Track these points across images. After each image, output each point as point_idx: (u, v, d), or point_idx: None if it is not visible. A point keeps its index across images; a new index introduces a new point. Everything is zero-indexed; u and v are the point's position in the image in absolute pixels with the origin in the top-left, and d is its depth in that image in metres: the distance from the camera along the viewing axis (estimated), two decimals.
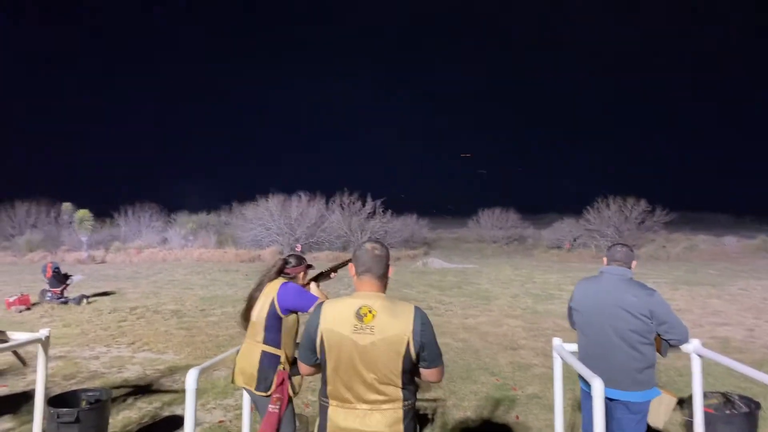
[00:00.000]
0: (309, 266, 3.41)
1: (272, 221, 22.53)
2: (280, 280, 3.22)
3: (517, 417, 4.66)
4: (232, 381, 3.21)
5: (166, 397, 5.14)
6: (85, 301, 10.21)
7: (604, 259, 3.20)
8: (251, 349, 3.12)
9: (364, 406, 2.02)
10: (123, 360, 6.45)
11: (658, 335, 2.87)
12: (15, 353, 3.96)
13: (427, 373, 2.09)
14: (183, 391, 5.27)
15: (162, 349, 6.99)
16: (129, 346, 7.13)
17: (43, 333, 3.56)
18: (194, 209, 30.35)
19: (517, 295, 11.49)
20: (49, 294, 10.15)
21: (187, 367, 6.11)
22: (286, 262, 3.32)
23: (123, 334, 7.75)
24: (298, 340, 3.29)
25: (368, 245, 2.16)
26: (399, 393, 2.02)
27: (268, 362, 3.06)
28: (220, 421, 4.53)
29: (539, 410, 4.82)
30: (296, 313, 3.17)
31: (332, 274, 3.49)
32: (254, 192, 24.78)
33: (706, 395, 3.59)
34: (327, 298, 3.31)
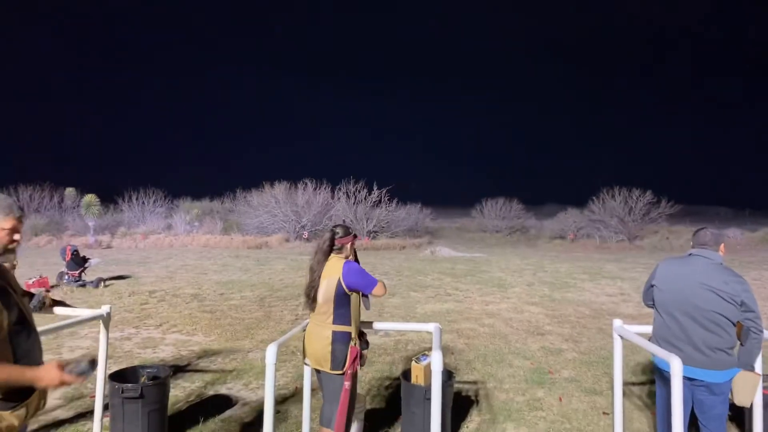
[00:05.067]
0: (355, 236, 3.39)
1: (278, 208, 22.50)
2: (338, 258, 3.23)
3: (561, 399, 4.71)
4: (304, 362, 3.27)
5: (207, 377, 5.17)
6: (102, 283, 10.21)
7: (692, 244, 3.17)
8: (321, 332, 3.15)
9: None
10: (155, 341, 6.46)
11: (739, 323, 2.87)
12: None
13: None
14: (222, 371, 5.34)
15: (190, 331, 7.00)
16: (157, 327, 7.13)
17: (104, 309, 3.57)
18: (197, 196, 30.31)
19: (532, 284, 11.54)
20: (67, 276, 10.14)
21: (220, 349, 6.19)
22: (334, 233, 3.30)
23: (149, 317, 7.76)
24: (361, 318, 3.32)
25: None
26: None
27: (341, 341, 3.11)
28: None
29: (580, 393, 4.87)
30: (366, 294, 3.21)
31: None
32: (257, 180, 24.76)
33: (763, 378, 3.63)
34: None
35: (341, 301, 3.12)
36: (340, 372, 3.09)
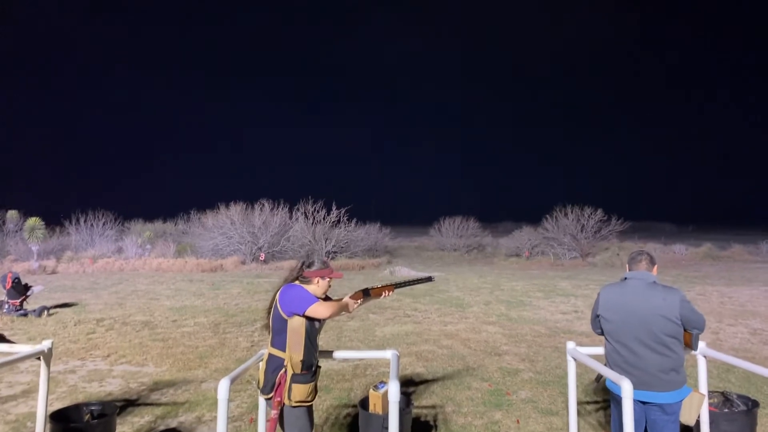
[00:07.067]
0: (331, 272, 3.25)
1: (234, 230, 22.07)
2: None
3: (518, 421, 4.73)
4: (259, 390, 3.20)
5: (158, 411, 4.96)
6: (46, 312, 9.72)
7: (627, 267, 3.28)
8: (266, 354, 3.13)
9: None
10: (102, 374, 6.17)
11: (686, 330, 2.98)
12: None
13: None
14: (174, 403, 5.15)
15: (141, 361, 6.73)
16: (105, 359, 6.83)
17: (45, 345, 3.38)
18: (150, 218, 29.48)
19: (489, 302, 11.67)
20: (7, 305, 9.62)
21: (172, 380, 5.96)
22: (304, 264, 3.25)
23: (96, 347, 7.42)
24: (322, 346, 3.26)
25: None
26: None
27: (272, 365, 3.05)
28: None
29: (537, 414, 4.92)
30: (303, 316, 3.03)
31: (386, 293, 3.36)
32: (211, 202, 24.27)
33: (708, 395, 3.75)
34: (347, 303, 3.27)
35: (277, 324, 3.06)
36: (267, 396, 3.03)
